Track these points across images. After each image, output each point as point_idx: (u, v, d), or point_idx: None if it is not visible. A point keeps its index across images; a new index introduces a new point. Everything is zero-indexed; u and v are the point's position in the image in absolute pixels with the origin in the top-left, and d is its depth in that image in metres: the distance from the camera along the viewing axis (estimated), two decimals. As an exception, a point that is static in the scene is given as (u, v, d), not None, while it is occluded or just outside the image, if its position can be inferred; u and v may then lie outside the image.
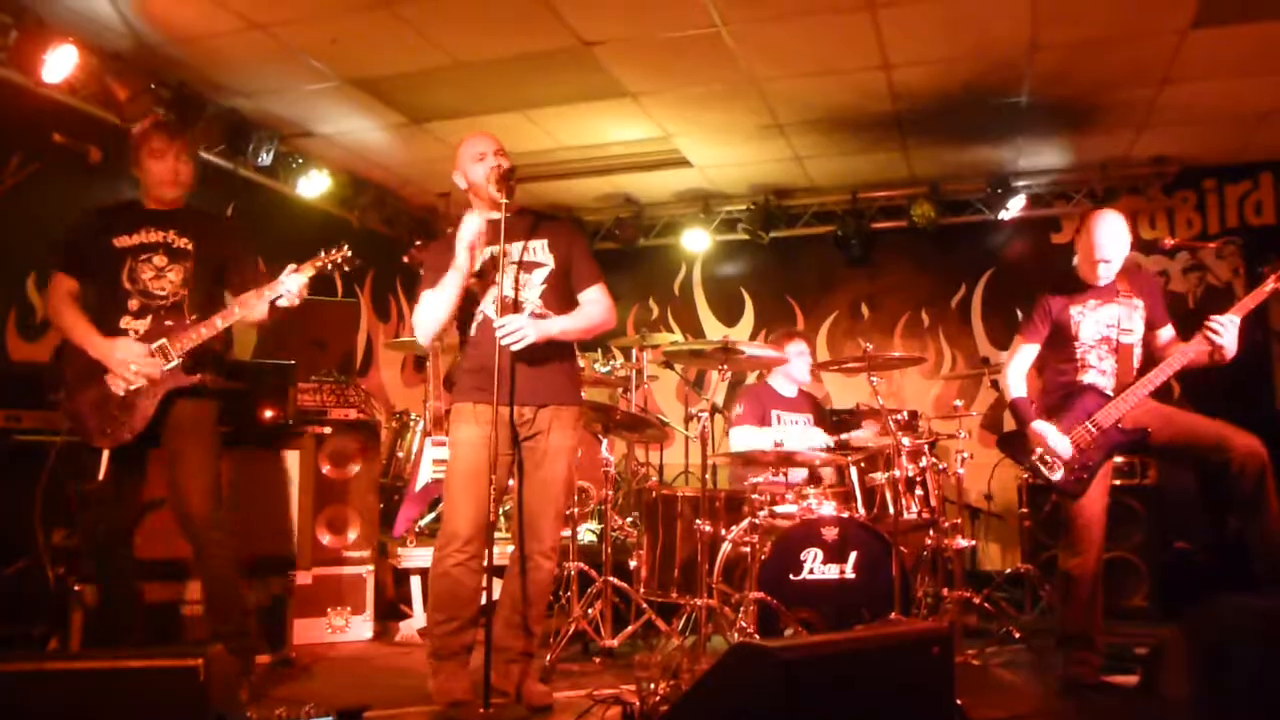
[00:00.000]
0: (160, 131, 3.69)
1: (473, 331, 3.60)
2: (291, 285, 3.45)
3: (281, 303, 3.46)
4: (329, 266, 3.58)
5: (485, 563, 3.38)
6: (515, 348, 3.35)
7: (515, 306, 3.49)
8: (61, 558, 3.84)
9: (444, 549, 3.49)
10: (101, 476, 3.35)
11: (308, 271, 3.51)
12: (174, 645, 3.62)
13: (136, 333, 3.43)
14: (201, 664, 2.15)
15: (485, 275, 3.56)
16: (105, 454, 3.37)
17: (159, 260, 3.51)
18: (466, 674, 3.50)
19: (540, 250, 3.61)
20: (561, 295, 3.59)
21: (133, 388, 3.38)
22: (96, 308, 3.51)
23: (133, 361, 3.36)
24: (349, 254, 3.59)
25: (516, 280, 3.52)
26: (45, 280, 4.81)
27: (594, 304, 3.61)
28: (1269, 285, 3.72)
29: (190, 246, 3.56)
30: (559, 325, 3.49)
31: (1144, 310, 3.93)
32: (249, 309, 3.45)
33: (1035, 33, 4.76)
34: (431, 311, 3.53)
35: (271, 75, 5.28)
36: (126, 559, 3.58)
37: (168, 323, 3.45)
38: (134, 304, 3.46)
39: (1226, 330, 3.66)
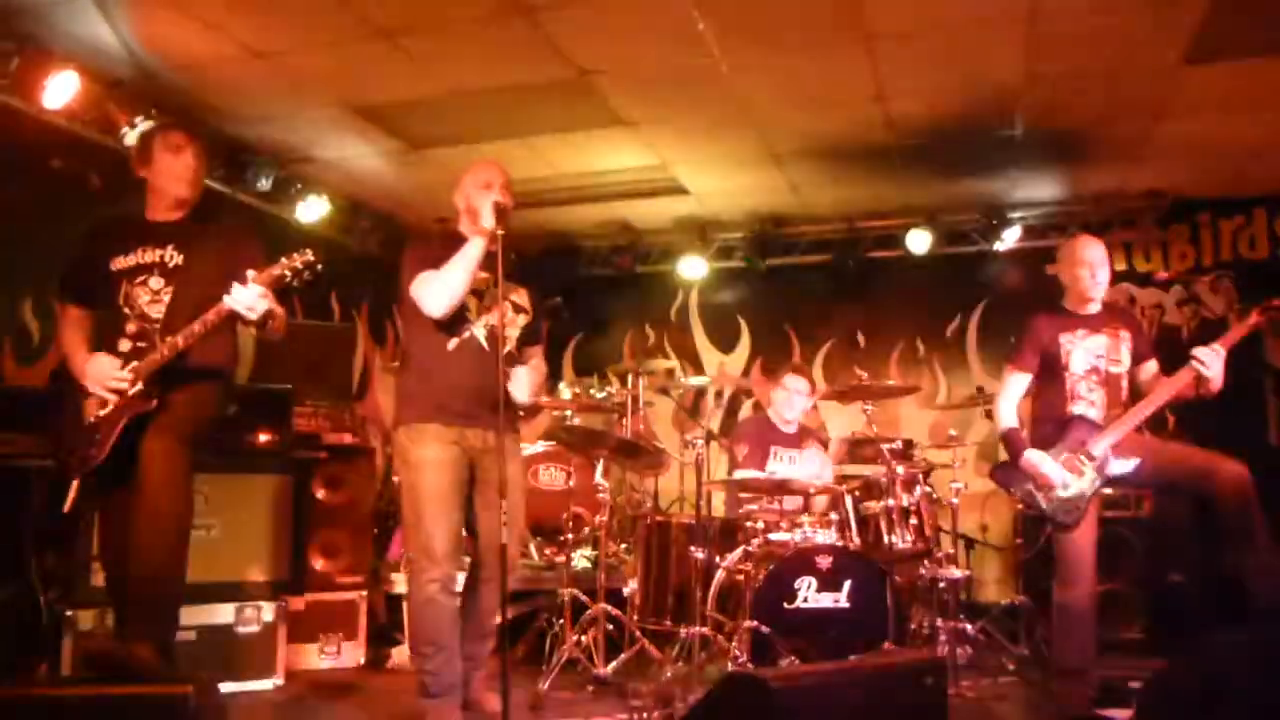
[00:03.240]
0: (178, 128, 3.60)
1: (450, 348, 3.55)
2: (241, 297, 3.15)
3: (249, 316, 3.19)
4: (288, 275, 3.24)
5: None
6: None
7: (498, 339, 3.50)
8: (53, 583, 3.82)
9: (424, 574, 3.46)
10: (67, 507, 3.22)
11: (263, 282, 3.20)
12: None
13: (127, 356, 3.30)
14: (191, 692, 2.14)
15: (480, 298, 3.60)
16: (75, 483, 3.26)
17: (155, 282, 3.39)
18: (460, 714, 3.50)
19: (523, 298, 3.76)
20: (526, 345, 3.75)
21: (104, 411, 3.26)
22: (100, 332, 3.43)
23: (103, 378, 3.25)
24: (310, 258, 3.25)
25: (502, 317, 3.52)
26: (41, 304, 4.88)
27: (537, 370, 3.78)
28: (1252, 319, 3.78)
29: (184, 262, 3.42)
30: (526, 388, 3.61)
31: (1130, 343, 3.96)
32: (207, 326, 3.23)
33: (1029, 66, 4.80)
34: (455, 283, 3.44)
35: (272, 102, 5.32)
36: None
37: (145, 344, 3.30)
38: (131, 327, 3.35)
39: (1212, 362, 3.69)
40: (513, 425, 3.76)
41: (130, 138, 4.89)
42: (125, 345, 3.34)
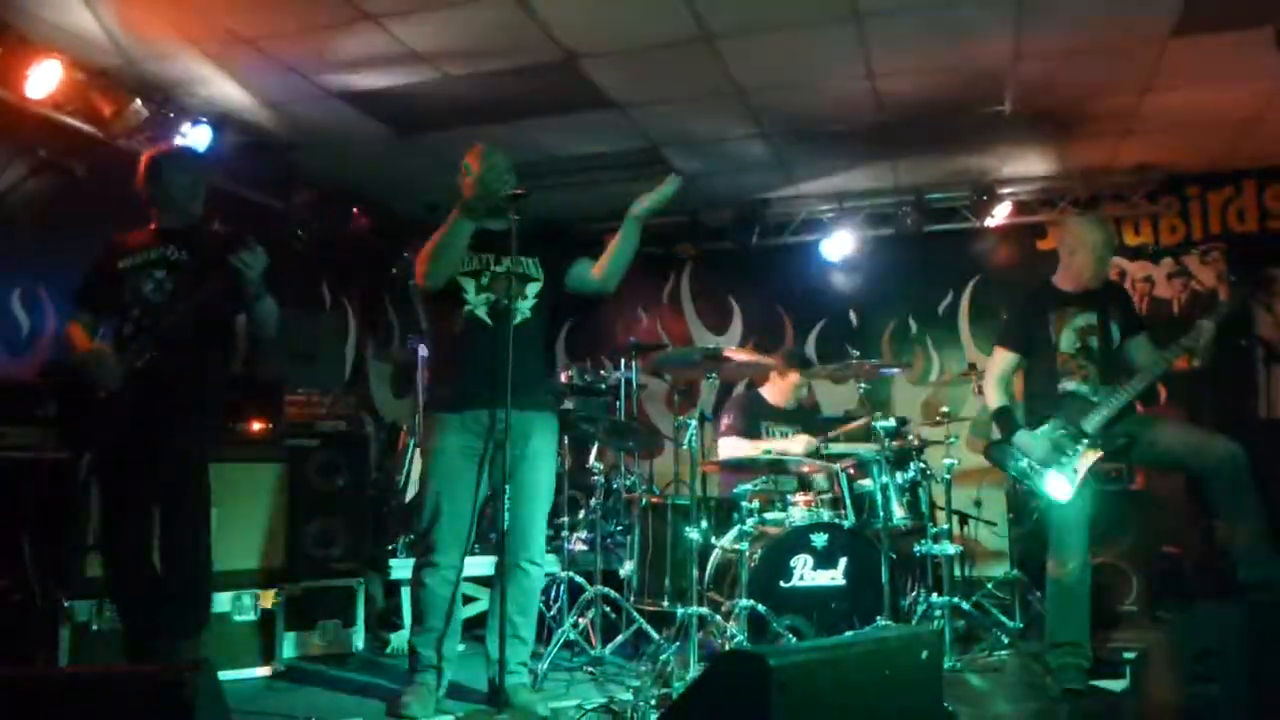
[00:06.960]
0: (191, 151, 3.76)
1: (456, 331, 3.60)
2: (244, 257, 3.33)
3: (249, 273, 3.34)
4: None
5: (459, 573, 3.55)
6: None
7: (507, 314, 3.49)
8: (48, 574, 3.81)
9: (418, 558, 3.59)
10: (81, 479, 3.36)
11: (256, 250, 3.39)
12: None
13: (131, 341, 3.41)
14: (188, 677, 2.13)
15: (479, 277, 3.63)
16: (85, 460, 3.39)
17: (159, 273, 3.52)
18: (433, 692, 3.56)
19: (532, 266, 3.73)
20: (547, 310, 3.70)
21: (109, 391, 3.34)
22: (110, 326, 3.56)
23: (99, 367, 3.34)
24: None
25: (510, 289, 3.54)
26: (30, 296, 4.86)
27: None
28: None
29: (185, 256, 3.55)
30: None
31: (1120, 318, 3.97)
32: (212, 291, 3.39)
33: (1018, 42, 4.79)
34: (445, 249, 3.52)
35: (257, 90, 5.28)
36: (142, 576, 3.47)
37: (150, 324, 3.43)
38: (135, 313, 3.47)
39: (1202, 335, 3.71)
40: (546, 402, 3.77)
41: (135, 146, 4.89)
42: (128, 329, 3.45)
